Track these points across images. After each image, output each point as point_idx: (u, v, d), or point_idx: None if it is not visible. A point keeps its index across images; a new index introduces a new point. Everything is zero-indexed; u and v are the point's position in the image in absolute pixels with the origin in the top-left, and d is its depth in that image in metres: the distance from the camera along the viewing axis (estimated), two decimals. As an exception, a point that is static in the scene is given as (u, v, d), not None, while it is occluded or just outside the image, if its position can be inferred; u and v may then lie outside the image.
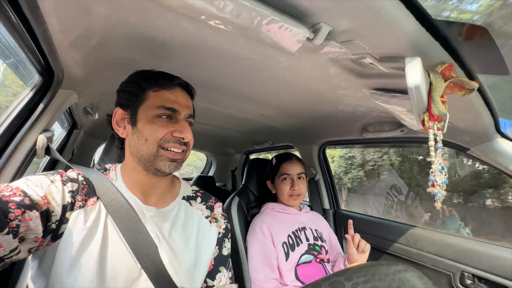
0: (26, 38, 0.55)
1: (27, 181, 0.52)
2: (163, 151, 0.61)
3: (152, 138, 0.60)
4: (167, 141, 0.61)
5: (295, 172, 1.22)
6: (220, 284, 0.71)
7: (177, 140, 0.62)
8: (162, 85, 0.64)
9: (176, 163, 0.63)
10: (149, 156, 0.61)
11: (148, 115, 0.62)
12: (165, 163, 0.61)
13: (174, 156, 0.62)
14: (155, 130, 0.61)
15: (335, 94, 0.98)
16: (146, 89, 0.64)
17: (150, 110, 0.62)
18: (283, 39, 0.47)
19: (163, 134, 0.61)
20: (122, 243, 0.57)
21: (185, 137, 0.62)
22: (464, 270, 1.05)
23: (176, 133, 0.61)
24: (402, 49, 0.52)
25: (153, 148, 0.60)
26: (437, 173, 0.49)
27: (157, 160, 0.61)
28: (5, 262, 0.44)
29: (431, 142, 0.50)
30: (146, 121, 0.61)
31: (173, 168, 0.63)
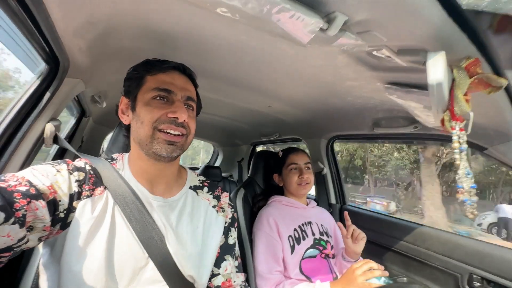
0: (28, 24, 0.53)
1: (33, 170, 0.52)
2: (159, 133, 0.61)
3: (147, 119, 0.60)
4: (162, 122, 0.61)
5: (302, 162, 1.23)
6: (226, 272, 0.72)
7: (172, 120, 0.61)
8: (158, 68, 0.65)
9: (174, 146, 0.62)
10: (146, 138, 0.60)
11: (145, 98, 0.62)
12: (161, 146, 0.60)
13: (171, 139, 0.61)
14: (150, 111, 0.61)
15: (346, 87, 0.94)
16: (144, 74, 0.65)
17: (146, 93, 0.62)
18: (294, 29, 0.43)
19: (158, 115, 0.60)
20: (129, 232, 0.58)
21: (179, 117, 0.61)
22: (473, 272, 1.03)
23: (170, 113, 0.61)
24: (424, 41, 0.48)
25: (148, 129, 0.60)
26: (463, 179, 0.45)
27: (154, 142, 0.60)
28: (15, 251, 0.45)
29: (455, 144, 0.46)
30: (143, 104, 0.62)
31: (170, 151, 0.61)
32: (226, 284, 0.71)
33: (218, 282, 0.70)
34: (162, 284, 0.58)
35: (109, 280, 0.54)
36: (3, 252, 0.42)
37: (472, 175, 0.46)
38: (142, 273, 0.57)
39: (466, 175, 0.46)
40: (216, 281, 0.70)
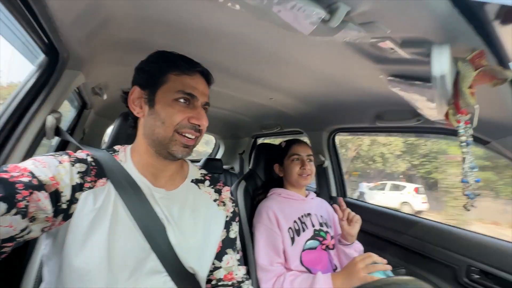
0: (26, 15, 0.52)
1: (35, 162, 0.52)
2: (178, 135, 0.62)
3: (169, 121, 0.61)
4: (183, 127, 0.62)
5: (305, 154, 1.23)
6: (227, 266, 0.73)
7: (193, 126, 0.62)
8: (183, 69, 0.64)
9: (189, 149, 0.64)
10: (163, 139, 0.61)
11: (167, 98, 0.62)
12: (179, 148, 0.62)
13: (188, 142, 0.63)
14: (173, 114, 0.61)
15: (348, 80, 0.93)
16: (167, 72, 0.63)
17: (169, 93, 0.62)
18: (296, 20, 0.42)
19: (180, 119, 0.61)
20: (131, 223, 0.58)
21: (202, 124, 0.63)
22: (471, 264, 1.04)
23: (193, 119, 0.62)
24: (428, 33, 0.47)
25: (169, 131, 0.61)
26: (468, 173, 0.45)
27: (171, 144, 0.61)
28: (18, 241, 0.46)
29: (462, 138, 0.46)
30: (164, 104, 0.62)
31: (185, 154, 0.64)
32: (228, 277, 0.73)
33: (220, 275, 0.72)
34: (164, 275, 0.59)
35: (111, 271, 0.54)
36: (6, 242, 0.43)
37: (477, 169, 0.46)
38: (144, 264, 0.58)
39: (471, 169, 0.45)
40: (218, 274, 0.72)
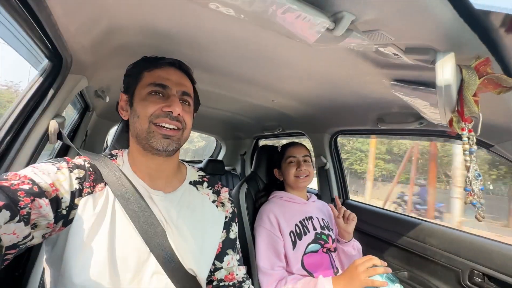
0: (30, 22, 0.53)
1: (34, 169, 0.53)
2: (155, 127, 0.62)
3: (143, 113, 0.62)
4: (157, 116, 0.62)
5: (300, 155, 1.24)
6: (228, 266, 0.73)
7: (167, 114, 0.62)
8: (154, 64, 0.66)
9: (170, 140, 0.63)
10: (142, 132, 0.62)
11: (142, 93, 0.64)
12: (158, 140, 0.61)
13: (167, 132, 0.62)
14: (146, 106, 0.62)
15: (351, 83, 0.93)
16: (141, 70, 0.67)
17: (143, 89, 0.64)
18: (301, 29, 0.42)
19: (153, 110, 0.62)
20: (130, 226, 0.59)
21: (174, 110, 0.62)
22: (474, 268, 1.03)
23: (165, 107, 0.62)
24: (433, 40, 0.47)
25: (144, 123, 0.62)
26: (473, 181, 0.44)
27: (150, 136, 0.61)
28: (20, 248, 0.46)
29: (465, 146, 0.45)
30: (139, 99, 0.64)
31: (166, 145, 0.62)
32: (229, 277, 0.73)
33: (221, 275, 0.73)
34: (165, 277, 0.59)
35: (113, 274, 0.54)
36: (9, 250, 0.43)
37: (481, 177, 0.45)
38: (145, 267, 0.58)
39: (476, 177, 0.45)
40: (219, 274, 0.73)
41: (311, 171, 1.24)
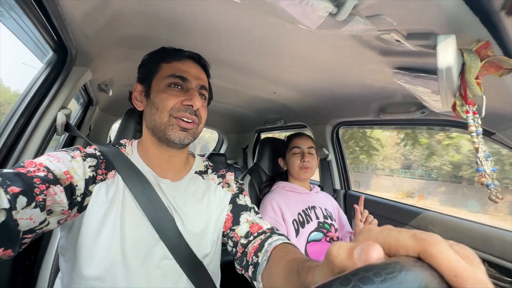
0: (37, 13, 0.53)
1: (50, 157, 0.54)
2: (174, 119, 0.62)
3: (163, 106, 0.62)
4: (178, 110, 0.62)
5: (305, 146, 1.25)
6: (248, 221, 0.68)
7: (187, 108, 0.63)
8: (173, 56, 0.66)
9: (187, 133, 0.64)
10: (160, 125, 0.62)
11: (160, 85, 0.63)
12: (176, 132, 0.62)
13: (186, 126, 0.63)
14: (166, 98, 0.62)
15: (353, 72, 0.93)
16: (160, 62, 0.66)
17: (162, 81, 0.64)
18: (303, 14, 0.43)
19: (173, 103, 0.62)
20: (140, 213, 0.60)
21: (194, 104, 0.62)
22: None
23: (185, 101, 0.62)
24: (435, 25, 0.47)
25: (164, 116, 0.62)
26: (483, 162, 0.45)
27: (168, 129, 0.62)
28: (37, 233, 0.48)
29: (472, 128, 0.46)
30: (158, 91, 0.63)
31: (183, 138, 0.63)
32: (254, 227, 0.66)
33: (243, 230, 0.66)
34: (173, 262, 0.61)
35: (124, 259, 0.56)
36: (26, 234, 0.45)
37: (492, 158, 0.46)
38: (154, 251, 0.60)
39: (486, 158, 0.46)
40: (241, 231, 0.67)
41: (314, 164, 1.25)
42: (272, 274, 0.51)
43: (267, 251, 0.56)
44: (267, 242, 0.59)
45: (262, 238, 0.62)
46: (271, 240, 0.60)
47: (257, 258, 0.57)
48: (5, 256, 0.42)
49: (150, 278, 0.59)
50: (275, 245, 0.57)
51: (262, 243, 0.60)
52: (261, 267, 0.55)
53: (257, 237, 0.64)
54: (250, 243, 0.63)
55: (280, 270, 0.47)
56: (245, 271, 0.61)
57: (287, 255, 0.50)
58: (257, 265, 0.57)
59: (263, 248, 0.58)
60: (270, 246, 0.57)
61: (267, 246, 0.58)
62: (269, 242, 0.59)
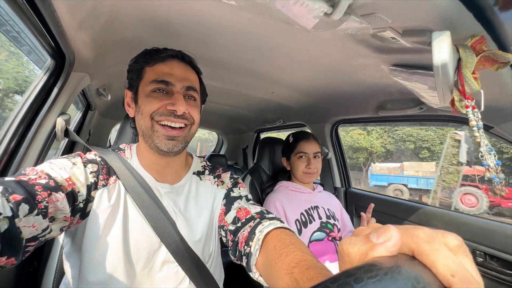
0: (35, 20, 0.54)
1: (51, 164, 0.54)
2: (158, 126, 0.61)
3: (146, 111, 0.60)
4: (161, 114, 0.60)
5: (312, 151, 1.23)
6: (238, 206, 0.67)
7: (171, 113, 0.60)
8: (156, 58, 0.63)
9: (175, 141, 0.62)
10: (146, 130, 0.61)
11: (146, 90, 0.62)
12: (161, 141, 0.60)
13: (171, 133, 0.61)
14: (149, 102, 0.61)
15: (350, 71, 0.94)
16: (144, 66, 0.64)
17: (146, 86, 0.62)
18: (299, 15, 0.43)
19: (156, 107, 0.60)
20: (141, 217, 0.60)
21: (178, 109, 0.60)
22: (476, 248, 1.06)
23: (169, 106, 0.60)
24: (429, 21, 0.47)
25: (147, 121, 0.61)
26: (486, 156, 0.45)
27: (154, 136, 0.61)
28: (40, 241, 0.48)
29: (472, 122, 0.46)
30: (143, 97, 0.62)
31: (172, 147, 0.61)
32: (242, 212, 0.64)
33: (231, 216, 0.64)
34: (175, 265, 0.61)
35: (127, 263, 0.57)
36: (29, 242, 0.45)
37: (494, 152, 0.46)
38: (156, 256, 0.60)
39: (489, 151, 0.46)
40: (229, 218, 0.65)
41: (319, 167, 1.24)
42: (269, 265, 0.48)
43: (259, 239, 0.53)
44: (258, 230, 0.56)
45: (252, 225, 0.58)
46: (262, 227, 0.56)
47: (249, 248, 0.54)
48: (8, 265, 0.42)
49: (152, 282, 0.59)
50: (267, 231, 0.53)
51: (252, 231, 0.56)
52: (254, 257, 0.52)
53: (245, 223, 0.60)
54: (240, 231, 0.60)
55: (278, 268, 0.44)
56: (240, 260, 0.59)
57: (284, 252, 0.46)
58: (249, 255, 0.54)
59: (254, 237, 0.55)
60: (261, 234, 0.53)
61: (258, 234, 0.54)
62: (260, 230, 0.55)
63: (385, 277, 0.16)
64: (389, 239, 0.19)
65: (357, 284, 0.15)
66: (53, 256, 0.78)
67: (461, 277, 0.17)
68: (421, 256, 0.19)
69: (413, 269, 0.17)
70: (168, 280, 0.61)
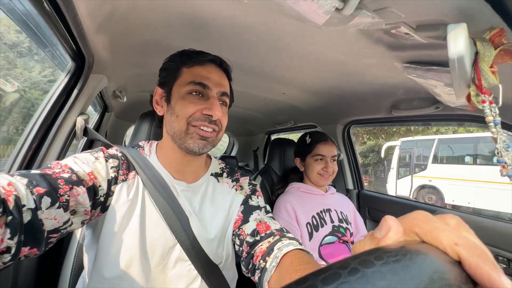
0: (59, 24, 0.57)
1: (75, 158, 0.57)
2: (193, 128, 0.61)
3: (182, 114, 0.61)
4: (197, 119, 0.61)
5: (330, 154, 1.20)
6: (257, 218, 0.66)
7: (206, 118, 0.61)
8: (195, 61, 0.64)
9: (206, 141, 0.63)
10: (179, 132, 0.62)
11: (181, 91, 0.62)
12: (195, 141, 0.61)
13: (205, 134, 0.62)
14: (185, 106, 0.61)
15: (362, 69, 0.93)
16: (180, 66, 0.64)
17: (182, 87, 0.62)
18: (310, 10, 0.43)
19: (193, 111, 0.61)
20: (158, 214, 0.61)
21: (214, 114, 0.61)
22: (499, 254, 1.00)
23: (205, 110, 0.61)
24: (444, 14, 0.46)
25: (183, 124, 0.61)
26: (503, 152, 0.44)
27: (187, 137, 0.61)
28: (62, 233, 0.50)
29: (489, 118, 0.44)
30: (178, 98, 0.62)
31: (202, 147, 0.62)
32: (262, 226, 0.63)
33: (250, 227, 0.64)
34: (188, 263, 0.62)
35: (142, 258, 0.58)
36: (52, 233, 0.47)
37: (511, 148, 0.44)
38: (170, 253, 0.61)
39: (506, 148, 0.44)
40: (248, 229, 0.64)
41: (335, 170, 1.22)
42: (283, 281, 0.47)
43: (277, 257, 0.52)
44: (277, 247, 0.55)
45: (271, 241, 0.58)
46: (281, 244, 0.55)
47: (265, 263, 0.54)
48: (32, 255, 0.44)
49: (166, 278, 0.60)
50: (286, 251, 0.52)
51: (271, 247, 0.56)
52: (268, 273, 0.51)
53: (265, 238, 0.60)
54: (257, 245, 0.60)
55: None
56: (251, 274, 0.59)
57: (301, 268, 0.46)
58: (264, 270, 0.53)
59: (272, 253, 0.54)
60: (280, 252, 0.53)
61: (276, 252, 0.54)
62: (279, 247, 0.55)
63: (392, 259, 0.16)
64: (389, 230, 0.20)
65: (377, 261, 0.15)
66: (70, 249, 0.82)
67: (464, 244, 0.17)
68: (425, 236, 0.19)
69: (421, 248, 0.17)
70: (181, 278, 0.61)
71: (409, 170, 7.11)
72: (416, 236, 0.20)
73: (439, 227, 0.19)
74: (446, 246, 0.18)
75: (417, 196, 6.71)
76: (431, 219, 0.20)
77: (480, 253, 0.17)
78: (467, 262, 0.17)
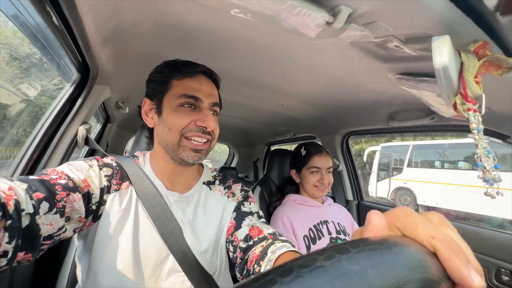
0: (66, 37, 0.60)
1: (70, 165, 0.57)
2: (186, 141, 0.62)
3: (175, 127, 0.62)
4: (190, 130, 0.62)
5: (325, 166, 1.21)
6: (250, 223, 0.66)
7: (200, 129, 0.62)
8: (184, 73, 0.64)
9: (200, 154, 0.64)
10: (172, 145, 0.62)
11: (172, 104, 0.63)
12: (188, 154, 0.62)
13: (197, 147, 0.63)
14: (178, 118, 0.62)
15: (358, 81, 0.95)
16: (170, 78, 0.65)
17: (173, 99, 0.63)
18: (302, 24, 0.46)
19: (186, 123, 0.62)
20: (151, 224, 0.61)
21: (208, 126, 0.62)
22: (501, 266, 0.99)
23: (199, 122, 0.62)
24: (430, 28, 0.49)
25: (176, 137, 0.62)
26: (484, 158, 0.45)
27: (180, 150, 0.62)
28: (55, 240, 0.50)
29: (473, 125, 0.46)
30: (170, 110, 0.63)
31: (197, 159, 0.64)
32: (254, 231, 0.63)
33: (243, 233, 0.64)
34: (181, 274, 0.61)
35: (135, 268, 0.57)
36: (45, 240, 0.47)
37: (493, 155, 0.46)
38: (163, 264, 0.61)
39: (487, 154, 0.46)
40: (241, 234, 0.64)
41: (331, 181, 1.22)
42: None
43: (271, 260, 0.52)
44: (270, 250, 0.56)
45: (264, 245, 0.58)
46: (274, 247, 0.56)
47: (259, 267, 0.54)
48: (25, 260, 0.44)
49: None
50: (280, 253, 0.53)
51: (264, 251, 0.56)
52: None
53: (257, 242, 0.60)
54: (251, 250, 0.60)
55: None
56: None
57: None
58: None
59: (265, 257, 0.55)
60: (273, 255, 0.53)
61: (270, 255, 0.54)
62: (272, 250, 0.55)
63: (368, 247, 0.17)
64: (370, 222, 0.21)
65: (341, 254, 0.16)
66: (67, 261, 0.81)
67: (440, 238, 0.18)
68: (405, 229, 0.20)
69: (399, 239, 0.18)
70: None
71: (387, 173, 7.60)
72: (398, 230, 0.21)
73: (418, 222, 0.20)
74: (423, 238, 0.19)
75: (394, 197, 7.18)
76: (411, 214, 0.21)
77: (455, 247, 0.18)
78: (441, 255, 0.18)
